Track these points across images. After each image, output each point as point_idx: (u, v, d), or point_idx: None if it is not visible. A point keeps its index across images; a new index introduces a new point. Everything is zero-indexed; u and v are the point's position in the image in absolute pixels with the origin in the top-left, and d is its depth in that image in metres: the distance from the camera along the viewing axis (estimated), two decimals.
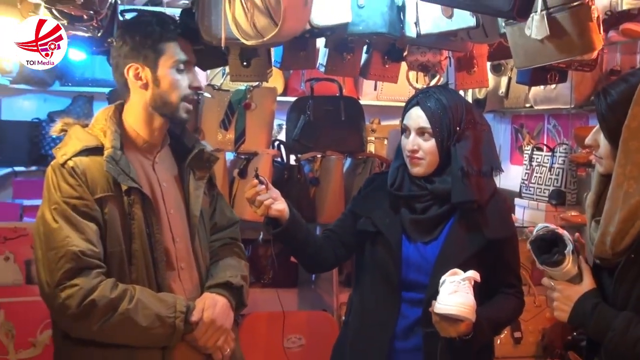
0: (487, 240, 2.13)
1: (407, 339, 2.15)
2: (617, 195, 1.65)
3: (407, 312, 2.14)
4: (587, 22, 2.11)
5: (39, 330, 3.15)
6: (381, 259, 2.18)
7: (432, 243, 2.16)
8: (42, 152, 4.12)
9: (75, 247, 1.80)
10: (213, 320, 1.96)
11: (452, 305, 1.91)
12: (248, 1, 1.95)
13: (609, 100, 1.70)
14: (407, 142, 2.16)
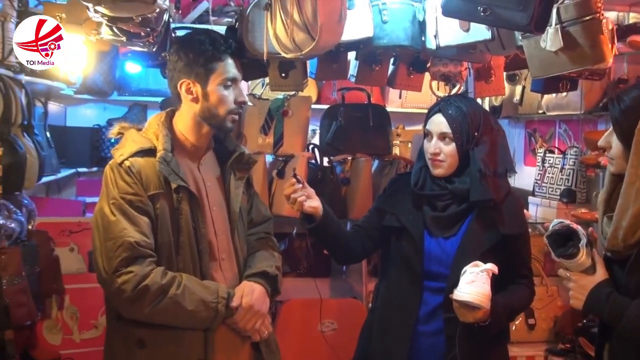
0: (502, 235, 2.12)
1: (429, 323, 2.14)
2: (630, 192, 1.63)
3: (428, 299, 2.14)
4: (598, 34, 2.08)
5: (99, 314, 3.18)
6: (405, 252, 2.17)
7: (451, 238, 2.15)
8: (102, 155, 4.16)
9: (131, 238, 1.83)
10: (251, 305, 1.97)
11: (468, 294, 1.92)
12: (288, 18, 1.96)
13: (623, 106, 1.69)
14: (430, 146, 2.15)
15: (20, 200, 2.68)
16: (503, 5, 1.90)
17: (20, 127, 2.65)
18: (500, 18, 1.92)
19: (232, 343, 2.02)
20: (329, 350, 3.31)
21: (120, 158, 1.92)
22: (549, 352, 3.52)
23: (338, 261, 2.66)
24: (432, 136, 2.15)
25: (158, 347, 1.91)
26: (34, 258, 2.65)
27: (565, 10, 2.07)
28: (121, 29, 2.07)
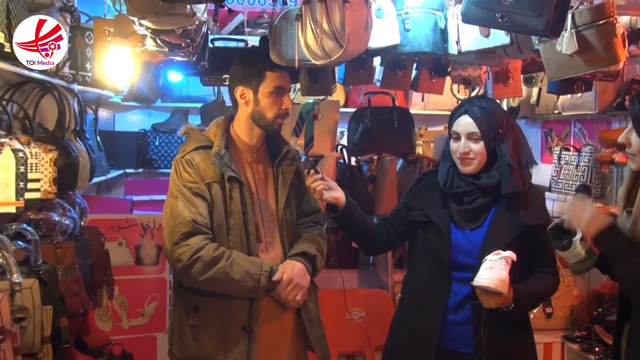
0: (526, 226, 2.09)
1: (458, 313, 2.12)
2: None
3: (457, 289, 2.12)
4: (612, 38, 2.03)
5: (146, 303, 3.23)
6: (434, 244, 2.16)
7: (477, 230, 2.13)
8: (147, 157, 4.22)
9: (189, 216, 2.03)
10: (291, 279, 2.12)
11: (485, 279, 1.92)
12: (318, 27, 1.96)
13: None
14: (459, 146, 2.13)
15: (73, 199, 2.72)
16: (520, 11, 1.86)
17: (73, 132, 2.69)
18: (518, 24, 1.89)
19: (275, 313, 2.17)
20: (357, 336, 3.31)
21: (182, 153, 2.15)
22: (566, 339, 3.47)
23: (364, 251, 2.66)
24: (461, 136, 2.13)
25: (209, 312, 2.10)
26: (86, 252, 2.68)
27: (580, 15, 2.03)
28: (164, 40, 2.09)
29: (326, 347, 2.30)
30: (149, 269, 3.24)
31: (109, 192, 4.10)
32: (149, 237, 3.24)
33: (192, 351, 2.14)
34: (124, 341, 3.07)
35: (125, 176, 4.10)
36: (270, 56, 2.15)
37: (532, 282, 2.11)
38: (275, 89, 2.14)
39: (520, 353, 2.16)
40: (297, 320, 2.25)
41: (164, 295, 3.26)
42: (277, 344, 2.21)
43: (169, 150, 4.25)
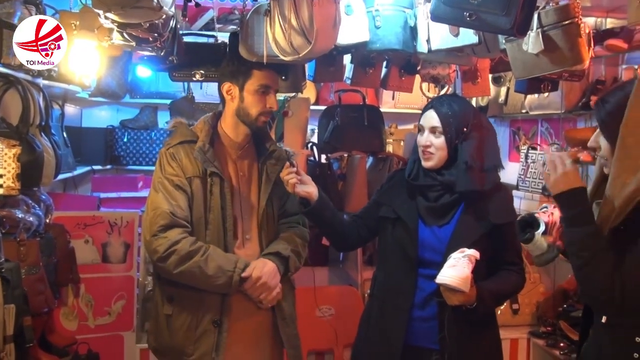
0: (493, 224, 2.11)
1: (424, 309, 2.13)
2: (616, 184, 1.61)
3: (423, 286, 2.13)
4: (577, 38, 2.07)
5: (113, 301, 3.18)
6: (401, 240, 2.17)
7: (445, 227, 2.14)
8: (115, 154, 4.15)
9: (169, 209, 2.07)
10: (259, 277, 2.13)
11: (448, 277, 1.94)
12: (286, 23, 1.95)
13: (608, 108, 1.67)
14: (422, 139, 2.17)
15: (38, 195, 2.67)
16: (488, 10, 1.88)
17: (38, 127, 2.63)
18: (485, 22, 1.91)
19: (249, 310, 2.20)
20: (327, 334, 3.31)
21: (167, 146, 2.19)
22: (532, 335, 3.53)
23: (335, 247, 2.66)
24: (424, 130, 2.16)
25: (183, 304, 2.15)
26: (51, 249, 2.64)
27: (546, 15, 2.06)
28: (131, 34, 2.05)
29: (298, 347, 2.32)
30: (116, 267, 3.19)
31: (75, 189, 4.02)
32: (116, 235, 3.18)
33: (165, 340, 2.19)
34: (90, 340, 3.01)
35: (92, 173, 4.03)
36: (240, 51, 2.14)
37: (497, 281, 2.13)
38: (261, 87, 2.16)
39: (484, 350, 2.18)
40: (272, 318, 2.27)
41: (132, 293, 3.22)
42: (251, 340, 2.23)
43: (137, 147, 4.19)
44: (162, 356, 2.26)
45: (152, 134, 4.21)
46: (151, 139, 4.20)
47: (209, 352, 2.13)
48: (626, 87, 1.63)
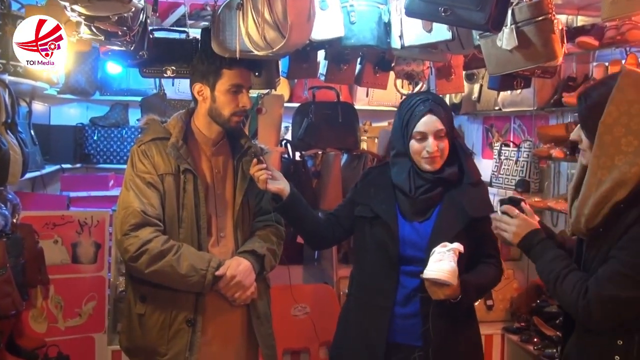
0: (471, 218, 2.10)
1: (406, 306, 2.11)
2: (592, 182, 1.62)
3: (405, 283, 2.11)
4: (550, 34, 2.07)
5: (83, 302, 3.12)
6: (381, 239, 2.14)
7: (425, 222, 2.13)
8: (85, 152, 4.10)
9: (140, 207, 2.04)
10: (234, 275, 2.11)
11: (435, 271, 1.93)
12: (259, 17, 1.93)
13: (589, 102, 1.66)
14: (427, 145, 2.08)
15: (4, 194, 2.59)
16: (462, 5, 1.88)
17: (4, 124, 2.56)
18: (460, 18, 1.90)
19: (223, 308, 2.17)
20: (302, 332, 3.29)
21: (139, 143, 2.15)
22: (506, 331, 3.55)
23: (310, 245, 2.63)
24: (428, 136, 2.08)
25: (155, 303, 2.12)
26: (18, 250, 2.57)
27: (519, 11, 2.06)
28: (99, 28, 1.99)
29: (273, 346, 2.30)
30: (87, 268, 3.12)
31: (44, 189, 3.95)
32: (86, 235, 3.12)
33: (137, 340, 2.16)
34: (60, 342, 2.96)
35: (61, 172, 3.96)
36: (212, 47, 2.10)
37: (478, 273, 2.13)
38: (232, 87, 2.13)
39: (466, 343, 2.18)
40: (247, 317, 2.24)
41: (103, 294, 3.15)
42: (226, 339, 2.21)
43: (108, 145, 4.13)
44: (135, 356, 2.22)
45: (123, 132, 4.16)
46: (122, 136, 4.14)
47: (183, 352, 2.10)
48: (609, 82, 1.63)
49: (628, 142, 1.56)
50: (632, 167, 1.55)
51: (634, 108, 1.56)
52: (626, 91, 1.57)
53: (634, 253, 1.54)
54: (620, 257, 1.55)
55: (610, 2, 1.76)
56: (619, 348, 1.59)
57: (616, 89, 1.58)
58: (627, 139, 1.56)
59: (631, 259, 1.54)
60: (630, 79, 1.59)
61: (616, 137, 1.57)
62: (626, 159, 1.56)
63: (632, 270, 1.53)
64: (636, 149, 1.55)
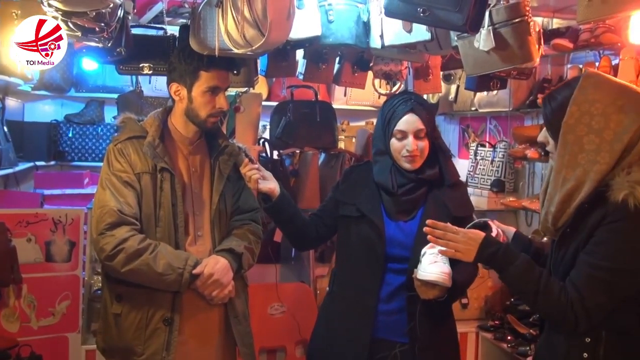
0: (454, 217, 2.12)
1: (390, 303, 2.13)
2: (557, 181, 1.65)
3: (390, 280, 2.13)
4: (527, 36, 2.10)
5: (57, 302, 3.07)
6: (367, 238, 2.15)
7: (410, 222, 2.15)
8: (60, 149, 4.05)
9: (116, 206, 2.02)
10: (212, 274, 2.09)
11: (433, 273, 1.93)
12: (239, 15, 1.92)
13: (554, 105, 1.69)
14: (407, 144, 2.10)
15: None
16: (441, 6, 1.89)
17: None
18: (438, 19, 1.92)
19: (201, 307, 2.16)
20: (279, 331, 3.29)
21: (115, 142, 2.13)
22: (480, 329, 3.59)
23: (295, 246, 2.64)
24: (408, 135, 2.10)
25: (132, 302, 2.10)
26: None
27: (497, 13, 2.09)
28: (76, 24, 1.97)
29: (251, 345, 2.29)
30: (61, 266, 3.07)
31: (17, 186, 3.90)
32: (60, 233, 3.07)
33: (114, 340, 2.13)
34: (33, 342, 2.91)
35: (35, 169, 3.90)
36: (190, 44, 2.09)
37: (460, 272, 2.15)
38: (209, 89, 2.11)
39: (447, 339, 2.22)
40: (224, 315, 2.23)
41: (77, 293, 3.11)
42: (203, 338, 2.19)
43: (83, 142, 4.08)
44: (111, 357, 2.19)
45: (98, 129, 4.11)
46: (97, 134, 4.09)
47: (159, 351, 2.08)
48: (572, 84, 1.66)
49: (590, 141, 1.59)
50: (594, 164, 1.58)
51: (595, 107, 1.59)
52: (587, 92, 1.61)
53: (603, 256, 1.56)
54: (591, 262, 1.58)
55: (586, 5, 1.79)
56: (587, 345, 1.62)
57: (578, 90, 1.62)
58: (589, 138, 1.59)
59: (602, 262, 1.56)
60: (591, 80, 1.63)
61: (579, 136, 1.60)
62: (588, 157, 1.59)
63: (604, 274, 1.56)
64: (598, 146, 1.58)
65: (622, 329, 1.60)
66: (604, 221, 1.56)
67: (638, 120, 1.56)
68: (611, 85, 1.63)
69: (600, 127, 1.58)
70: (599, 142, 1.58)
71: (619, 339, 1.61)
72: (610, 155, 1.57)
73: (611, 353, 1.60)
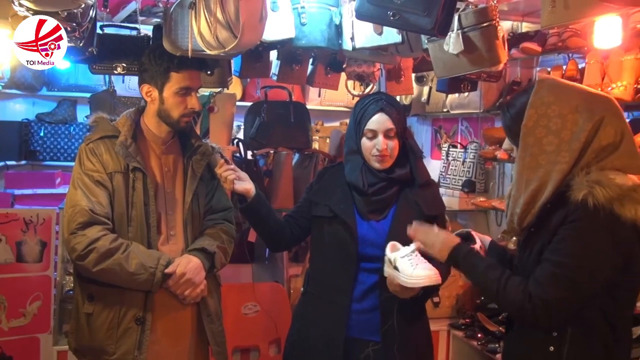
0: (426, 216, 2.16)
1: (363, 302, 2.16)
2: (520, 183, 1.70)
3: (364, 279, 2.15)
4: (494, 40, 2.16)
5: (28, 302, 3.04)
6: (340, 238, 2.18)
7: (382, 221, 2.18)
8: (31, 149, 4.01)
9: (87, 205, 2.02)
10: (184, 273, 2.10)
11: (423, 277, 1.92)
12: (212, 16, 1.94)
13: (512, 111, 1.76)
14: (377, 143, 2.13)
15: None
16: (410, 10, 1.94)
17: None
18: (408, 22, 1.97)
19: (173, 306, 2.17)
20: (252, 330, 3.30)
21: (87, 142, 2.14)
22: (452, 327, 3.63)
23: (270, 247, 2.65)
24: (378, 134, 2.13)
25: (104, 302, 2.10)
26: None
27: (465, 17, 2.14)
28: None
29: (223, 344, 2.30)
30: (32, 267, 3.05)
31: None
32: (31, 233, 3.04)
33: (85, 340, 2.13)
34: (3, 343, 2.88)
35: (6, 169, 3.86)
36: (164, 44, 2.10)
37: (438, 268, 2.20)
38: (181, 90, 2.12)
39: (421, 336, 2.26)
40: (197, 314, 2.24)
41: (48, 293, 3.08)
42: (176, 337, 2.20)
43: (55, 141, 4.04)
44: (83, 357, 2.19)
45: (70, 129, 4.08)
46: (70, 133, 4.06)
47: (131, 351, 2.08)
48: (528, 90, 1.73)
49: (549, 142, 1.65)
50: (555, 165, 1.64)
51: (552, 110, 1.65)
52: (543, 95, 1.67)
53: (565, 254, 1.61)
54: (554, 259, 1.63)
55: (549, 11, 1.85)
56: (553, 339, 1.67)
57: (534, 94, 1.68)
58: (548, 139, 1.65)
59: (563, 260, 1.61)
60: (545, 83, 1.70)
61: (538, 138, 1.66)
62: (549, 158, 1.64)
63: (566, 271, 1.61)
64: (557, 147, 1.64)
65: (587, 325, 1.65)
66: (565, 220, 1.61)
67: (592, 118, 1.62)
68: (565, 87, 1.70)
69: (558, 128, 1.64)
70: (558, 142, 1.64)
71: (584, 334, 1.66)
72: (569, 154, 1.62)
73: (576, 348, 1.65)
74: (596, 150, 1.62)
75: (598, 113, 1.62)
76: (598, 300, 1.64)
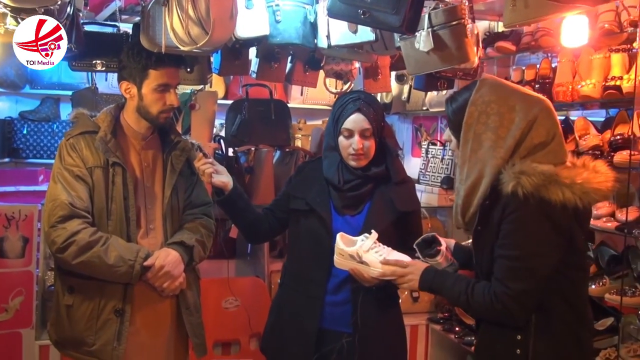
0: (400, 212, 2.22)
1: (337, 294, 2.22)
2: (461, 176, 1.79)
3: (337, 272, 2.19)
4: (463, 38, 2.21)
5: (10, 298, 3.07)
6: (315, 231, 2.23)
7: (357, 216, 2.23)
8: (14, 146, 4.00)
9: (67, 199, 2.05)
10: (162, 266, 2.14)
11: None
12: (183, 13, 1.98)
13: (454, 106, 1.84)
14: (353, 142, 2.18)
15: None
16: (379, 8, 2.00)
17: None
18: (377, 20, 2.02)
19: (152, 299, 2.21)
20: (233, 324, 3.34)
21: (67, 137, 2.17)
22: (430, 321, 3.70)
23: (247, 238, 2.70)
24: (354, 134, 2.18)
25: (84, 294, 2.14)
26: None
27: (435, 16, 2.19)
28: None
29: (202, 336, 2.34)
30: (14, 262, 3.07)
31: None
32: (13, 229, 3.07)
33: (65, 332, 2.16)
34: None
35: None
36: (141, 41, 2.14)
37: None
38: (159, 87, 2.15)
39: (392, 331, 2.31)
40: (176, 307, 2.27)
41: (31, 289, 3.11)
42: (155, 328, 2.23)
43: (38, 139, 4.05)
44: (63, 348, 2.22)
45: (53, 126, 4.09)
46: (53, 131, 4.08)
47: (111, 342, 2.11)
48: (470, 87, 1.81)
49: (487, 138, 1.73)
50: (491, 160, 1.72)
51: (491, 108, 1.73)
52: (483, 93, 1.75)
53: (513, 247, 1.69)
54: (505, 254, 1.71)
55: (510, 10, 1.91)
56: (519, 327, 1.73)
57: (475, 92, 1.77)
58: (486, 135, 1.73)
59: (513, 252, 1.70)
60: (486, 82, 1.79)
61: (477, 134, 1.75)
62: (486, 154, 1.73)
63: (519, 262, 1.69)
64: (494, 143, 1.72)
65: (548, 308, 1.73)
66: (504, 214, 1.70)
67: (526, 118, 1.70)
68: (504, 87, 1.79)
69: (496, 125, 1.72)
70: (495, 139, 1.72)
71: (546, 317, 1.73)
72: (505, 150, 1.70)
73: (542, 332, 1.72)
74: (528, 148, 1.70)
75: (532, 113, 1.71)
76: (554, 283, 1.71)
